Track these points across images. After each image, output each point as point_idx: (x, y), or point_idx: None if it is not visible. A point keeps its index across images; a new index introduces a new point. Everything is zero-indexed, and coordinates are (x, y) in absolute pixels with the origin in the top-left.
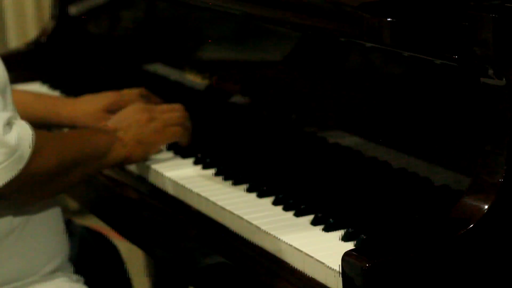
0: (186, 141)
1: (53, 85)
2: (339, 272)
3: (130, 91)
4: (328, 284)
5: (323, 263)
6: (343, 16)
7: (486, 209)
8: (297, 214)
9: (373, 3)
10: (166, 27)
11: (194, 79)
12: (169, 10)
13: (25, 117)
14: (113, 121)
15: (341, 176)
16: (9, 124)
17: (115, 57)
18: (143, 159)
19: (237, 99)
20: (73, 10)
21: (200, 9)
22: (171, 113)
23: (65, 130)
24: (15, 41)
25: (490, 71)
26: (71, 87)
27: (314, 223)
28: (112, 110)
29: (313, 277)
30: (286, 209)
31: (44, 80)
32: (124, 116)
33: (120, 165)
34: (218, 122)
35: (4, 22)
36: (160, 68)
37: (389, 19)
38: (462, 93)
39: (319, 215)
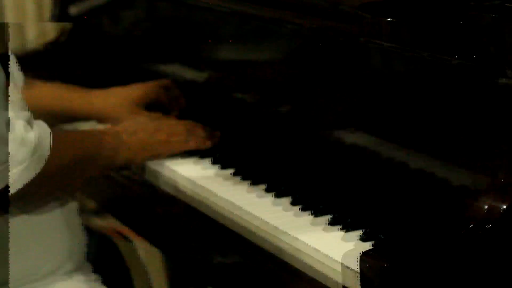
0: (200, 146)
1: None
2: (358, 272)
3: (155, 83)
4: (346, 284)
5: (341, 263)
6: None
7: (504, 208)
8: (315, 214)
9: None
10: (172, 27)
11: (209, 80)
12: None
13: (53, 109)
14: (121, 125)
15: (358, 177)
16: (29, 123)
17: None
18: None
19: (254, 99)
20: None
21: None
22: (178, 126)
23: (62, 128)
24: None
25: (509, 72)
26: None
27: (332, 223)
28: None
29: (331, 277)
30: (304, 209)
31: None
32: (133, 122)
33: (123, 167)
34: (236, 123)
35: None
36: (179, 69)
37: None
38: (468, 93)
39: (337, 215)
